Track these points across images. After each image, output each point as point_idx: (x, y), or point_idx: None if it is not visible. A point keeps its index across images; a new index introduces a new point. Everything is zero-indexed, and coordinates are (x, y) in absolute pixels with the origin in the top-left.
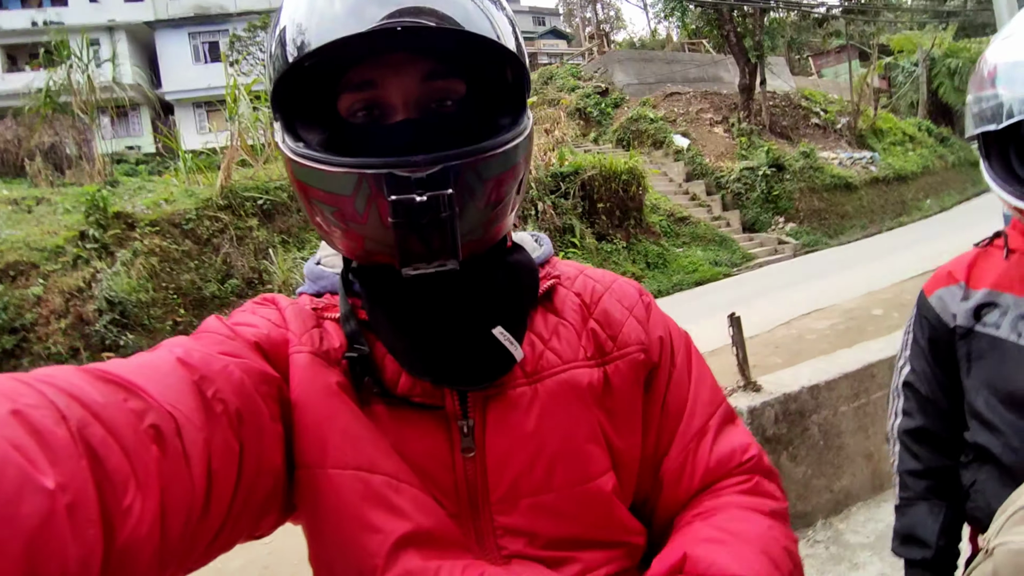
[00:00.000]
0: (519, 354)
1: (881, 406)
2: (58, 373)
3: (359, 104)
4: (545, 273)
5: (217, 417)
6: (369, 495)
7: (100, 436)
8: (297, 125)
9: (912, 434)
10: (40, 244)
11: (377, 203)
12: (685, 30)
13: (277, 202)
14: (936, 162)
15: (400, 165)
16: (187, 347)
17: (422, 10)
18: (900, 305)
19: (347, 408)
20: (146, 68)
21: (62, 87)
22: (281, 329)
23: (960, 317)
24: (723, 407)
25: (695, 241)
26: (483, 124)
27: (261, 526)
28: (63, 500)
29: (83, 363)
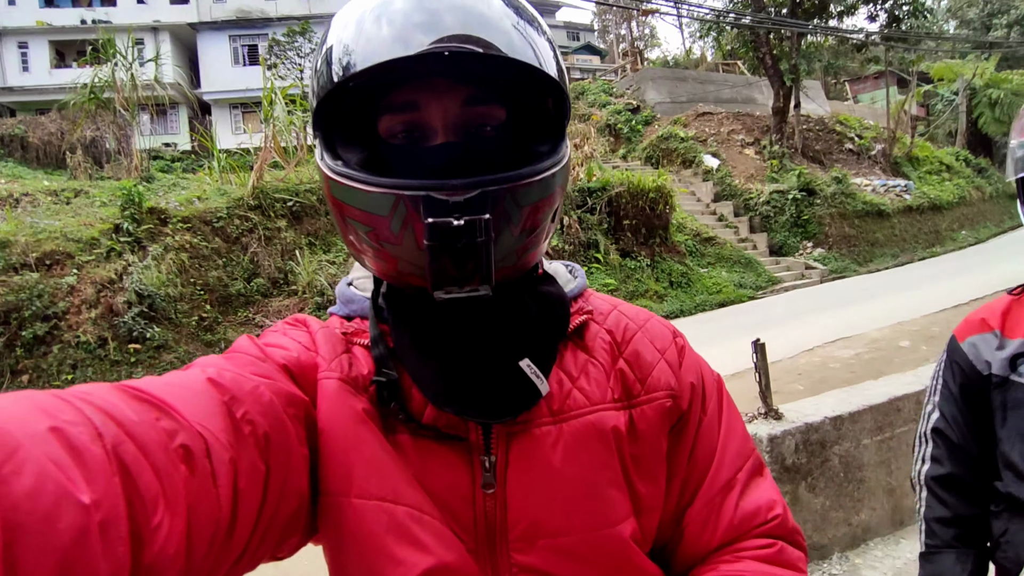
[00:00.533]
0: (545, 388)
1: (905, 441)
2: (94, 391)
3: (400, 126)
4: (578, 307)
5: (245, 438)
6: (393, 527)
7: (133, 454)
8: (337, 144)
9: (940, 481)
10: (76, 235)
11: (413, 225)
12: (720, 51)
13: (306, 204)
14: (973, 193)
15: (438, 188)
16: (219, 367)
17: (468, 37)
18: (929, 338)
19: (373, 436)
20: (187, 68)
21: (106, 84)
22: (311, 353)
23: (995, 366)
24: (752, 459)
25: (720, 262)
26: (521, 150)
27: (284, 547)
28: (97, 517)
29: (109, 353)
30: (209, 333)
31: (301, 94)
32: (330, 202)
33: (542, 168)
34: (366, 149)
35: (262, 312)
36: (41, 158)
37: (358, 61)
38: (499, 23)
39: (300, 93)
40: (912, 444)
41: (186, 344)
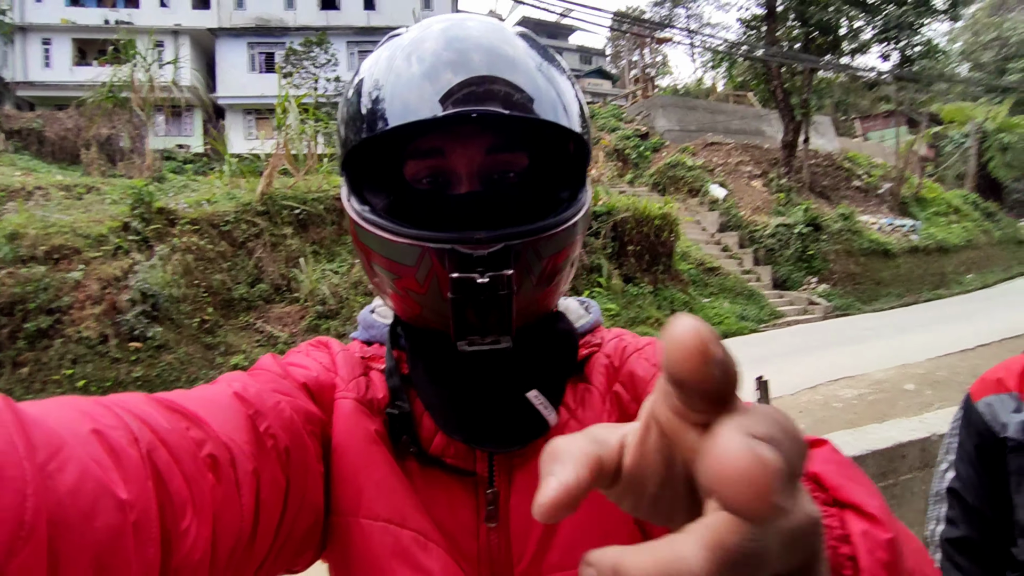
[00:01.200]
0: (553, 419)
1: (910, 489)
2: (130, 399)
3: (425, 171)
4: (585, 342)
5: (268, 451)
6: (398, 550)
7: (165, 460)
8: (363, 186)
9: (956, 544)
10: (85, 231)
11: (438, 276)
12: (732, 82)
13: (313, 213)
14: (981, 236)
15: (463, 241)
16: (244, 382)
17: (495, 94)
18: (934, 382)
19: (384, 458)
20: (204, 72)
21: (124, 83)
22: (330, 373)
23: (1012, 429)
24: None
25: (723, 293)
26: (543, 196)
27: (299, 561)
28: (131, 517)
29: (110, 350)
30: (210, 336)
31: (314, 104)
32: (356, 245)
33: (564, 219)
34: (392, 192)
35: (263, 317)
36: (56, 153)
37: (389, 116)
38: (525, 71)
39: (313, 103)
40: (916, 492)
41: (186, 345)
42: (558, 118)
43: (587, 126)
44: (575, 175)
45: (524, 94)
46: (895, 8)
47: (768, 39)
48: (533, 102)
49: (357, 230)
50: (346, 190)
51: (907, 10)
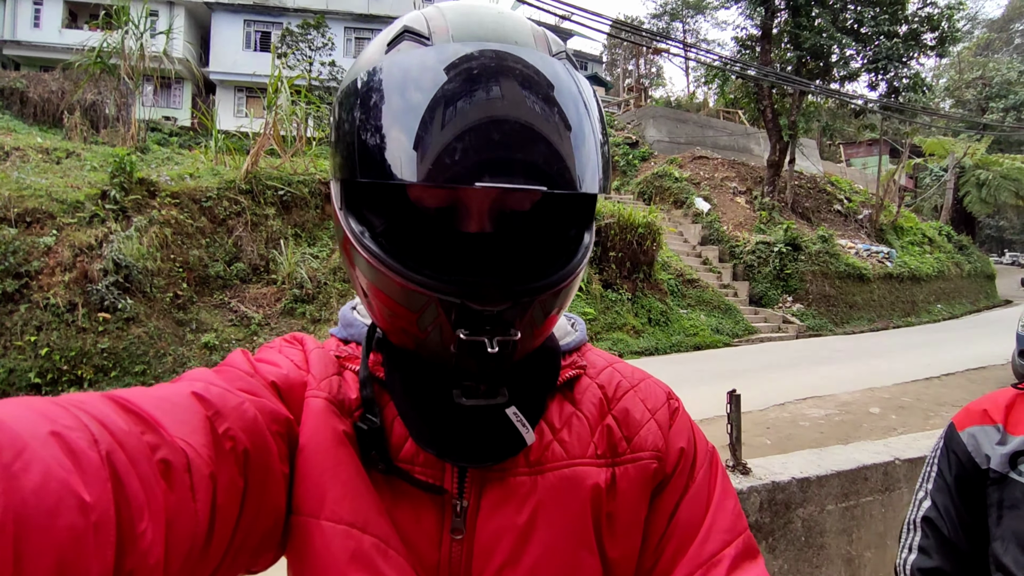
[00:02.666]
0: (531, 438)
1: (869, 512)
2: (87, 399)
3: (433, 200)
4: (571, 361)
5: (226, 454)
6: (358, 555)
7: (123, 462)
8: (360, 200)
9: (927, 574)
10: (61, 196)
11: (442, 327)
12: (723, 98)
13: (297, 195)
14: (952, 268)
15: (474, 297)
16: (207, 382)
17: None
18: (899, 407)
19: (351, 461)
20: (197, 45)
21: (114, 50)
22: (302, 371)
23: (994, 461)
24: (744, 538)
25: (700, 305)
26: (552, 236)
27: (259, 562)
28: (92, 518)
29: (78, 319)
30: (182, 311)
31: (307, 86)
32: (345, 259)
33: (571, 270)
34: (391, 209)
35: (238, 297)
36: (38, 115)
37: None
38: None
39: (306, 85)
40: (875, 515)
41: (157, 320)
42: (586, 185)
43: (608, 175)
44: (585, 211)
45: (563, 159)
46: (886, 40)
47: (762, 59)
48: (570, 168)
49: (352, 253)
50: (339, 197)
51: (897, 43)
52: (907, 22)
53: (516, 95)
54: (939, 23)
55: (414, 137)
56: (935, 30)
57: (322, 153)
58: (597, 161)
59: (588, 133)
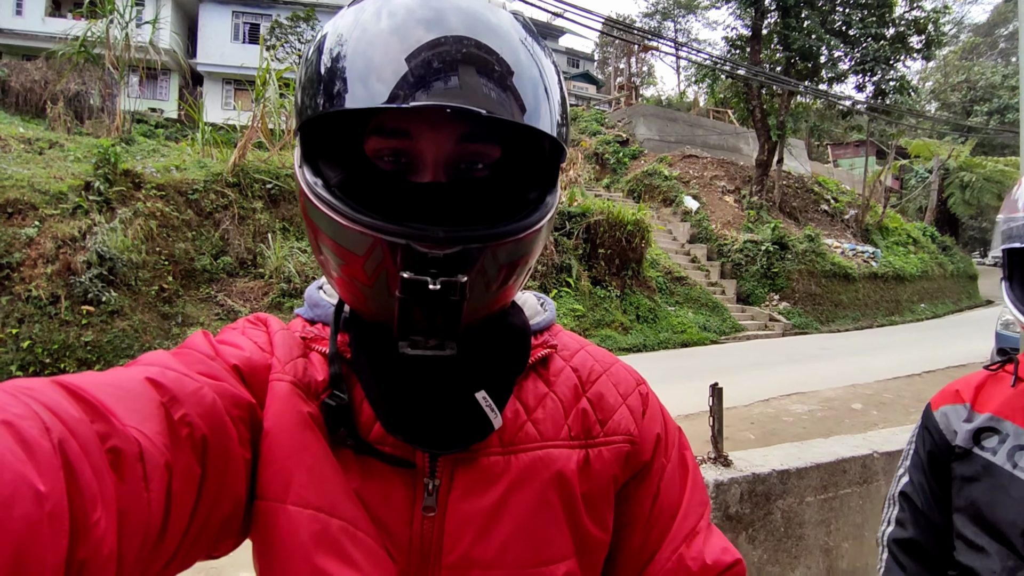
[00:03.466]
0: (498, 422)
1: (847, 503)
2: (36, 386)
3: (388, 151)
4: (542, 341)
5: (182, 441)
6: (325, 539)
7: (76, 451)
8: (318, 155)
9: (902, 544)
10: (44, 187)
11: (388, 271)
12: (713, 98)
13: (285, 189)
14: (935, 268)
15: (420, 238)
16: (163, 366)
17: (474, 86)
18: (880, 403)
19: (318, 444)
20: (184, 37)
21: (99, 39)
22: (265, 354)
23: (960, 437)
24: (708, 507)
25: (688, 303)
26: (511, 195)
27: (220, 548)
28: (47, 507)
29: (60, 311)
30: (167, 305)
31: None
32: (304, 219)
33: (527, 225)
34: (349, 165)
35: (225, 291)
36: (20, 104)
37: (348, 92)
38: (511, 59)
39: (295, 78)
40: (853, 507)
41: (142, 313)
42: (539, 121)
43: (566, 127)
44: (547, 174)
45: (507, 89)
46: (873, 42)
47: (751, 59)
48: (516, 100)
49: (307, 204)
50: (299, 156)
51: (884, 45)
52: (894, 25)
53: (463, 10)
54: (925, 26)
55: (356, 66)
56: (921, 33)
57: None
58: (549, 105)
59: (538, 76)
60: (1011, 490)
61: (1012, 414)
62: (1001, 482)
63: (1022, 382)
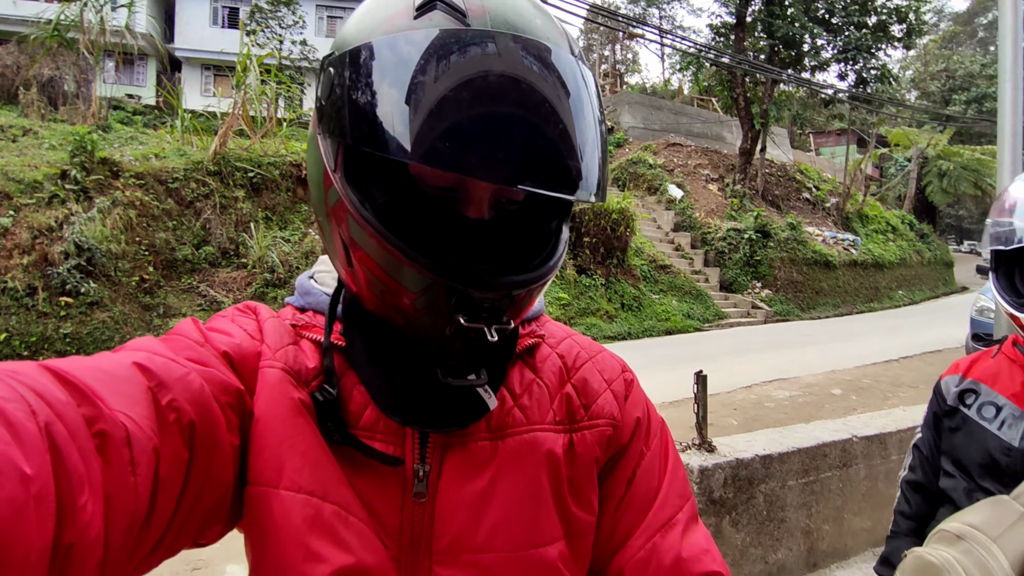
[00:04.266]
0: (493, 403)
1: (827, 486)
2: (22, 369)
3: (438, 181)
4: (530, 330)
5: (169, 426)
6: (318, 523)
7: (63, 435)
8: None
9: (911, 484)
10: (18, 175)
11: (439, 310)
12: (697, 86)
13: (267, 178)
14: (913, 256)
15: (478, 286)
16: (151, 351)
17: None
18: (859, 389)
19: (309, 429)
20: (161, 21)
21: (73, 23)
22: (255, 341)
23: (950, 398)
24: (691, 502)
25: (672, 291)
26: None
27: (207, 535)
28: (33, 490)
29: (38, 303)
30: (148, 296)
31: (277, 65)
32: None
33: (554, 264)
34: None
35: (207, 281)
36: None
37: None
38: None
39: (276, 64)
40: (833, 490)
41: (122, 304)
42: (598, 194)
43: (605, 181)
44: (567, 206)
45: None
46: (856, 31)
47: (736, 47)
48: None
49: (350, 223)
50: (331, 158)
51: (867, 34)
52: (876, 13)
53: (552, 99)
54: (907, 15)
55: (450, 122)
56: (903, 22)
57: (293, 135)
58: (604, 168)
59: (599, 142)
60: (975, 435)
61: (986, 379)
62: (970, 429)
63: (1000, 355)
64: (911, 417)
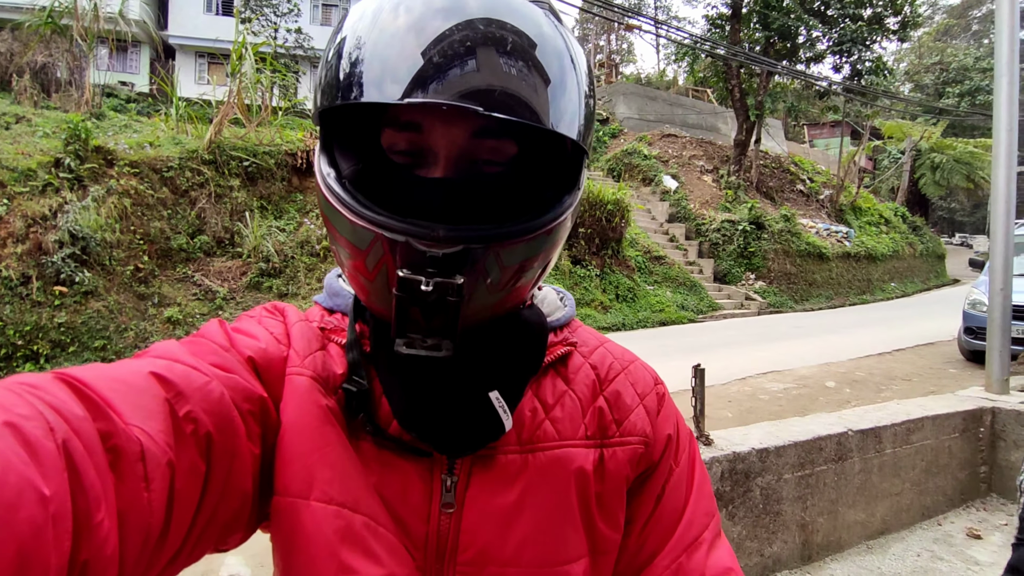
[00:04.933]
0: (509, 424)
1: (823, 479)
2: (41, 383)
3: (402, 143)
4: (562, 338)
5: (186, 438)
6: (349, 535)
7: (80, 452)
8: (335, 146)
9: None
10: (11, 163)
11: (387, 267)
12: (692, 76)
13: (263, 167)
14: (906, 248)
15: (419, 235)
16: (172, 358)
17: (488, 82)
18: (852, 381)
19: (339, 439)
20: (155, 7)
21: (66, 10)
22: (282, 346)
23: None
24: (716, 518)
25: (666, 282)
26: (525, 193)
27: (228, 542)
28: (51, 509)
29: (32, 292)
30: (143, 285)
31: (272, 53)
32: (320, 212)
33: (537, 225)
34: (364, 158)
35: (202, 271)
36: None
37: (357, 83)
38: (530, 52)
39: (272, 52)
40: (828, 483)
41: (117, 294)
42: (557, 123)
43: (590, 126)
44: (567, 173)
45: (524, 85)
46: (851, 23)
47: (731, 39)
48: (532, 99)
49: (320, 198)
50: (318, 147)
51: (862, 26)
52: (871, 5)
53: (481, 18)
54: (902, 7)
55: (365, 57)
56: (898, 14)
57: (289, 123)
58: (577, 109)
59: (561, 70)
60: None
61: None
62: None
63: None
64: (905, 410)
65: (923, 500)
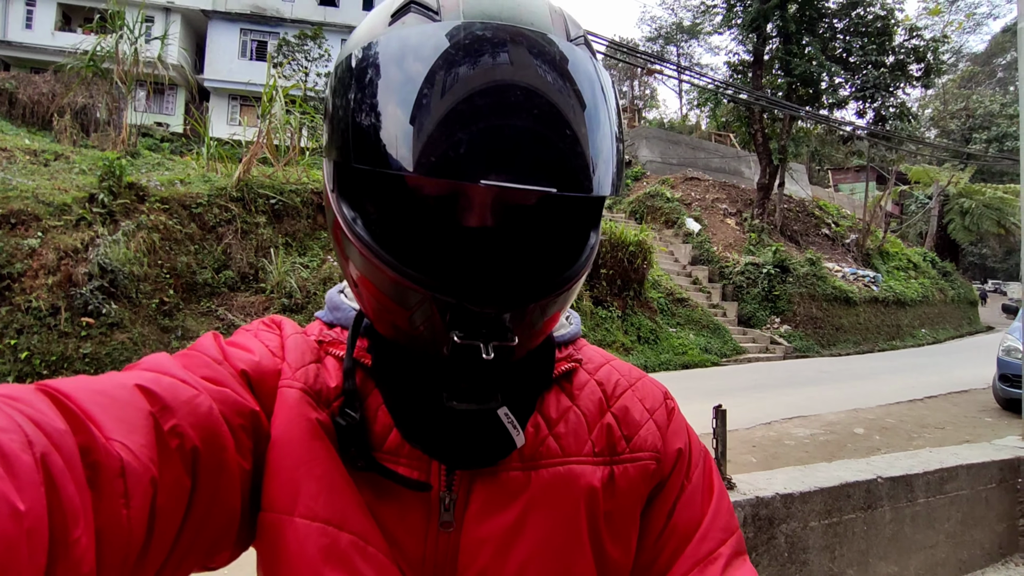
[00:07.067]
0: (520, 440)
1: (851, 528)
2: (22, 395)
3: (434, 191)
4: (567, 354)
5: (171, 453)
6: (334, 554)
7: (59, 467)
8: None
9: None
10: (48, 198)
11: (435, 328)
12: (715, 121)
13: (288, 205)
14: (936, 294)
15: (472, 299)
16: (160, 371)
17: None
18: (883, 428)
19: (328, 453)
20: (192, 52)
21: (108, 54)
22: (276, 359)
23: None
24: (736, 536)
25: (689, 324)
26: (555, 234)
27: (215, 559)
28: (26, 524)
29: (60, 323)
30: (168, 318)
31: (303, 96)
32: (335, 244)
33: (575, 272)
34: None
35: (225, 305)
36: (27, 116)
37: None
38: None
39: (302, 95)
40: (857, 532)
41: (142, 326)
42: (599, 187)
43: (621, 172)
44: (592, 211)
45: (572, 161)
46: (873, 69)
47: (753, 84)
48: (580, 170)
49: (343, 240)
50: (331, 179)
51: (884, 73)
52: (894, 53)
53: (530, 84)
54: (924, 55)
55: (415, 123)
56: (921, 61)
57: (315, 163)
58: (612, 160)
59: (605, 130)
60: None
61: None
62: None
63: None
64: (938, 459)
65: (959, 554)
